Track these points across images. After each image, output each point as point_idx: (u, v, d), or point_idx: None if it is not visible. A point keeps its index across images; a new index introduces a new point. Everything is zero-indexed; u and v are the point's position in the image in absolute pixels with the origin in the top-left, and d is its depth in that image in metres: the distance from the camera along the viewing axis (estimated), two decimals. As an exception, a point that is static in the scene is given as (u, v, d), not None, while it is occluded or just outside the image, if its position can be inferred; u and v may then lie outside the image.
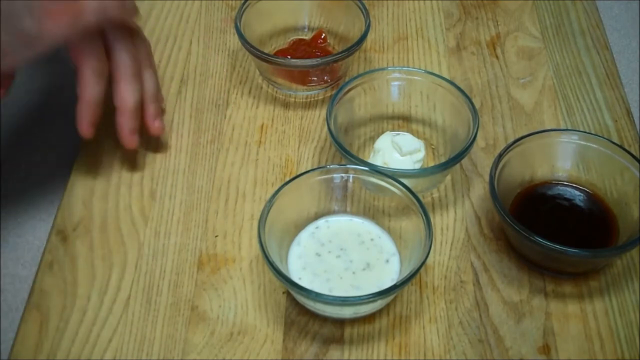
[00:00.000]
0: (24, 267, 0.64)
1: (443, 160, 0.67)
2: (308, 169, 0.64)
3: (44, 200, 0.68)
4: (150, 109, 0.68)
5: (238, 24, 0.74)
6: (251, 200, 0.66)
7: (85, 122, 0.65)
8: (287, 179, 0.62)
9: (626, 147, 0.67)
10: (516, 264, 0.62)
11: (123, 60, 0.65)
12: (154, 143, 0.71)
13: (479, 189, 0.67)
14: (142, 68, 0.67)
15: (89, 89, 0.64)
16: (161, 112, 0.70)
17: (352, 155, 0.63)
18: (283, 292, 0.60)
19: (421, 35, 0.81)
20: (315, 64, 0.72)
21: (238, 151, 0.70)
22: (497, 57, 0.79)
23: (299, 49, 0.77)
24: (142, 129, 0.68)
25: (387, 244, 0.61)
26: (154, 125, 0.68)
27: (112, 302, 0.59)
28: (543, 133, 0.65)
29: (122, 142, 0.67)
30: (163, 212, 0.65)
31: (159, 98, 0.69)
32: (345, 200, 0.63)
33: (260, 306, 0.59)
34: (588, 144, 0.64)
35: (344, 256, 0.60)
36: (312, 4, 0.79)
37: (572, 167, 0.65)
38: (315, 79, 0.74)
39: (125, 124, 0.66)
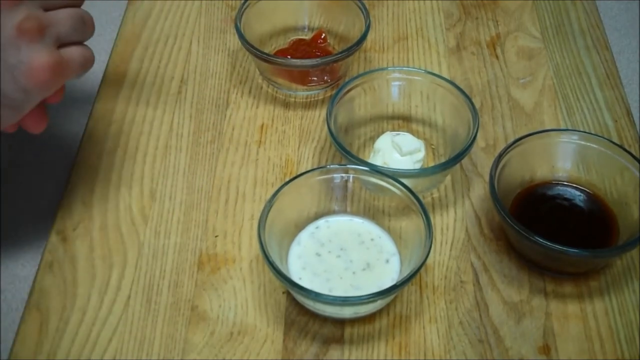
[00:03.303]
0: (24, 267, 0.64)
1: (443, 160, 0.67)
2: (308, 169, 0.64)
3: (44, 200, 0.68)
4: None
5: (238, 24, 0.74)
6: (251, 200, 0.66)
7: None
8: (287, 179, 0.62)
9: (626, 147, 0.67)
10: (516, 264, 0.62)
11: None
12: (154, 143, 0.71)
13: (479, 189, 0.67)
14: None
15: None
16: None
17: (352, 155, 0.63)
18: (283, 292, 0.60)
19: (421, 35, 0.81)
20: (315, 64, 0.72)
21: (238, 151, 0.70)
22: (497, 57, 0.79)
23: (299, 49, 0.77)
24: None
25: (387, 244, 0.61)
26: None
27: (112, 302, 0.59)
28: (543, 133, 0.65)
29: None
30: (163, 212, 0.65)
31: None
32: (345, 200, 0.63)
33: (260, 306, 0.59)
34: (588, 144, 0.64)
35: (344, 256, 0.60)
36: (312, 4, 0.79)
37: (572, 167, 0.65)
38: (315, 79, 0.74)
39: None
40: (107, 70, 0.77)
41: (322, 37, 0.78)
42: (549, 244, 0.57)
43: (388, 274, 0.59)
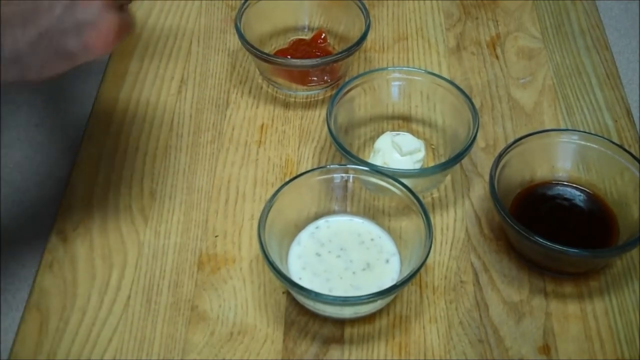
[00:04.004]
0: (24, 267, 0.64)
1: (443, 160, 0.67)
2: (308, 169, 0.65)
3: (44, 200, 0.68)
4: None
5: (238, 24, 0.74)
6: (251, 200, 0.66)
7: None
8: (287, 179, 0.62)
9: (626, 147, 0.67)
10: (516, 264, 0.62)
11: None
12: (154, 143, 0.71)
13: (479, 189, 0.67)
14: None
15: None
16: None
17: (352, 155, 0.63)
18: (283, 292, 0.60)
19: (421, 35, 0.81)
20: (315, 64, 0.72)
21: (238, 151, 0.70)
22: (497, 57, 0.79)
23: (299, 49, 0.77)
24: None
25: (387, 244, 0.61)
26: None
27: (112, 302, 0.59)
28: (543, 133, 0.65)
29: None
30: (163, 212, 0.65)
31: None
32: (345, 200, 0.63)
33: (260, 306, 0.59)
34: (588, 144, 0.64)
35: (344, 256, 0.60)
36: (312, 4, 0.79)
37: (572, 167, 0.65)
38: (315, 79, 0.74)
39: None
40: (107, 70, 0.77)
41: (322, 37, 0.78)
42: (549, 244, 0.57)
43: (388, 274, 0.59)
